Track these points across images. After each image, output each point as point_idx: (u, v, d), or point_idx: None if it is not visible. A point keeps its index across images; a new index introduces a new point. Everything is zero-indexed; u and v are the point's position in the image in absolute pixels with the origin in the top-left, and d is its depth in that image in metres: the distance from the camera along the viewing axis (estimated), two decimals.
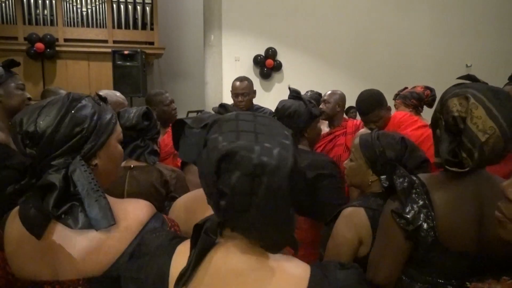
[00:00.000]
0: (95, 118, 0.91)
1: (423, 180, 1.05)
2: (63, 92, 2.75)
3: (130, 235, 0.87)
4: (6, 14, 5.41)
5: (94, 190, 0.86)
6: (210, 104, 5.09)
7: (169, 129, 2.69)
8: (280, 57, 5.26)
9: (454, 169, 0.99)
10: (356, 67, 5.43)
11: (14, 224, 0.90)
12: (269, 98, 4.91)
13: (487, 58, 5.54)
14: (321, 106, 2.75)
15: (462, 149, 0.97)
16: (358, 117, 5.86)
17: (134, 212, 0.90)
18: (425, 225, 0.98)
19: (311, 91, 3.47)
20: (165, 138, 2.53)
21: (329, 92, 2.90)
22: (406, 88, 2.64)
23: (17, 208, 0.90)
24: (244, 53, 5.16)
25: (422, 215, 0.99)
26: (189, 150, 0.78)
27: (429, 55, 5.53)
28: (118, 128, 0.99)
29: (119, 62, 5.07)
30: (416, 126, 2.23)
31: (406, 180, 1.04)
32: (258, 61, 5.21)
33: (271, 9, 5.15)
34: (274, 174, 0.62)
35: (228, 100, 5.08)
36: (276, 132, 0.68)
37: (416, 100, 2.51)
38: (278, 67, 5.27)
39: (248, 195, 0.63)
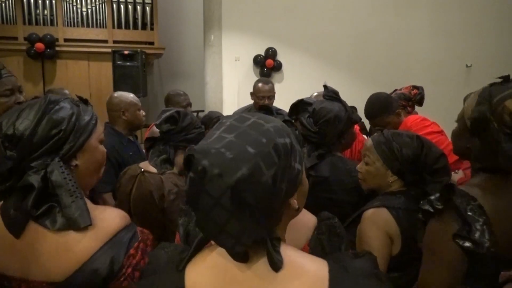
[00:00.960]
0: (73, 119, 0.92)
1: (470, 194, 0.97)
2: (67, 92, 2.75)
3: (98, 243, 0.87)
4: (6, 14, 5.41)
5: (71, 191, 0.87)
6: (210, 104, 5.09)
7: None
8: (280, 57, 5.26)
9: None
10: (356, 67, 5.43)
11: None
12: None
13: (487, 58, 5.54)
14: None
15: None
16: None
17: (105, 220, 0.90)
18: (488, 244, 0.92)
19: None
20: None
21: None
22: (395, 90, 2.63)
23: None
24: (244, 53, 5.16)
25: (486, 234, 0.92)
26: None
27: (429, 55, 5.53)
28: (99, 129, 1.00)
29: (119, 62, 5.07)
30: (427, 132, 2.16)
31: (464, 199, 0.96)
32: (258, 61, 5.20)
33: (271, 9, 5.15)
34: (214, 182, 0.61)
35: (228, 100, 5.10)
36: (251, 139, 0.64)
37: (404, 101, 2.50)
38: (278, 67, 5.27)
39: (195, 197, 0.64)
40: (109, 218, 0.91)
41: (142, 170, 1.66)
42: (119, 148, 2.28)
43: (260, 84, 2.95)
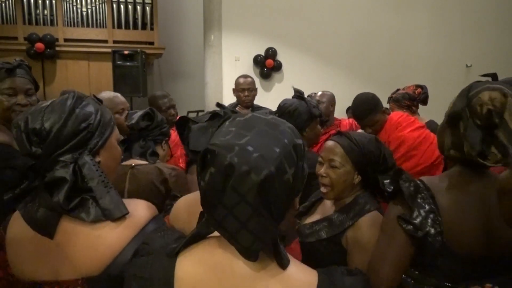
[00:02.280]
0: (98, 115, 0.94)
1: (427, 184, 1.02)
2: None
3: (130, 234, 0.88)
4: (6, 14, 5.41)
5: (105, 182, 0.89)
6: (210, 104, 5.09)
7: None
8: (280, 57, 5.26)
9: (485, 162, 0.95)
10: (356, 67, 5.43)
11: (16, 225, 0.91)
12: (269, 98, 4.91)
13: (487, 58, 5.53)
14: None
15: (494, 144, 0.94)
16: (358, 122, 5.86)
17: (135, 212, 0.91)
18: (432, 230, 0.96)
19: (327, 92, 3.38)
20: None
21: (320, 92, 2.95)
22: (398, 90, 2.64)
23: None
24: (244, 53, 5.16)
25: (429, 220, 0.97)
26: (198, 141, 0.83)
27: (429, 55, 5.53)
28: (116, 128, 1.03)
29: (119, 62, 5.07)
30: (414, 127, 2.23)
31: (412, 184, 1.02)
32: (258, 61, 5.20)
33: (271, 9, 5.15)
34: (242, 178, 0.62)
35: (228, 100, 5.08)
36: (274, 139, 0.66)
37: (408, 100, 2.52)
38: (278, 67, 5.26)
39: (218, 192, 0.64)
40: (139, 209, 0.92)
41: (133, 165, 1.71)
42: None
43: (240, 79, 3.16)
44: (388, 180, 1.12)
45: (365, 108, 2.23)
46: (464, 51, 5.61)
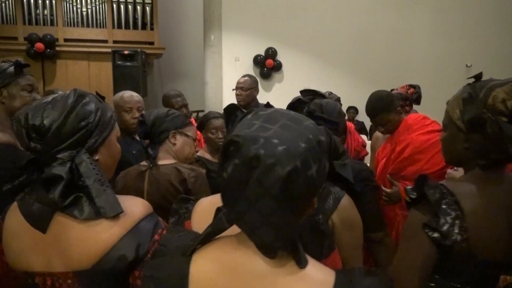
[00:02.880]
0: (98, 113, 0.95)
1: (450, 189, 0.99)
2: (62, 92, 2.75)
3: (122, 231, 0.88)
4: (6, 14, 5.42)
5: (101, 181, 0.89)
6: (210, 104, 5.09)
7: None
8: (280, 57, 5.26)
9: None
10: (356, 67, 5.43)
11: (13, 217, 0.92)
12: (269, 98, 4.90)
13: (487, 58, 5.54)
14: None
15: None
16: (357, 117, 5.86)
17: (129, 208, 0.91)
18: (459, 238, 0.94)
19: (330, 93, 3.36)
20: None
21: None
22: (392, 90, 2.63)
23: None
24: (244, 53, 5.16)
25: (456, 228, 0.94)
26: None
27: (429, 55, 5.53)
28: (117, 126, 1.03)
29: (119, 62, 5.07)
30: (426, 130, 2.13)
31: (437, 190, 0.98)
32: (258, 61, 5.21)
33: (271, 9, 5.15)
34: (268, 171, 0.61)
35: (228, 100, 5.08)
36: (299, 133, 0.65)
37: (401, 100, 2.49)
38: (278, 67, 5.27)
39: (241, 185, 0.63)
40: (133, 206, 0.93)
41: (151, 165, 1.71)
42: (121, 148, 2.25)
43: (239, 78, 3.11)
44: (410, 187, 1.06)
45: (377, 106, 2.15)
46: (464, 51, 5.61)
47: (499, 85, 0.96)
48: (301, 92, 1.82)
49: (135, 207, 0.93)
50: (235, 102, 3.39)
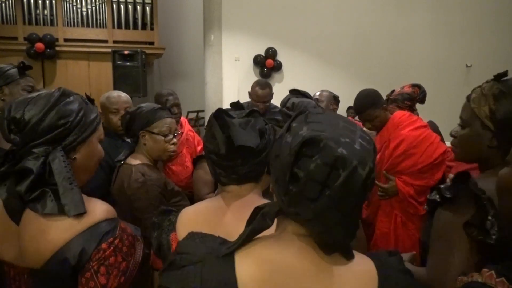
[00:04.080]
0: (80, 114, 0.97)
1: (481, 187, 0.96)
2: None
3: (73, 232, 0.88)
4: (6, 14, 5.42)
5: (70, 179, 0.91)
6: (210, 104, 5.09)
7: None
8: (280, 57, 5.26)
9: None
10: (356, 67, 5.43)
11: None
12: None
13: (487, 58, 5.53)
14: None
15: None
16: (357, 117, 5.87)
17: (89, 209, 0.91)
18: (497, 236, 0.91)
19: (326, 91, 3.35)
20: None
21: (319, 92, 2.94)
22: (393, 91, 2.64)
23: None
24: (244, 53, 5.16)
25: (496, 226, 0.91)
26: (250, 136, 0.87)
27: (429, 55, 5.53)
28: (101, 129, 1.05)
29: (119, 62, 5.07)
30: (415, 126, 2.23)
31: (475, 188, 0.95)
32: (258, 61, 5.20)
33: (271, 9, 5.15)
34: (353, 172, 0.61)
35: (228, 100, 5.08)
36: (358, 134, 0.67)
37: (408, 100, 2.53)
38: (278, 67, 5.26)
39: (321, 185, 0.62)
40: (92, 209, 0.92)
41: (122, 162, 1.73)
42: (111, 151, 2.11)
43: (257, 88, 2.94)
44: (446, 185, 1.02)
45: (364, 102, 2.24)
46: (464, 51, 5.61)
47: None
48: (290, 91, 1.86)
49: (94, 209, 0.92)
50: (235, 101, 3.37)
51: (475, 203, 0.93)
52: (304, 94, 1.89)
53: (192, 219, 1.03)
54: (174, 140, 1.82)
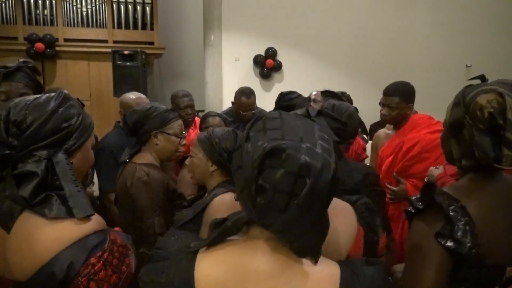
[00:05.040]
0: (80, 118, 0.97)
1: (453, 195, 0.97)
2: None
3: (60, 245, 0.85)
4: (6, 14, 5.41)
5: (76, 182, 0.90)
6: (210, 104, 5.09)
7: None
8: (280, 57, 5.26)
9: (501, 166, 0.92)
10: (356, 67, 5.43)
11: None
12: (269, 98, 4.91)
13: (487, 58, 5.53)
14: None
15: (506, 145, 0.91)
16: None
17: (78, 221, 0.87)
18: (470, 244, 0.92)
19: (344, 93, 3.33)
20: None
21: (315, 92, 2.92)
22: None
23: None
24: (244, 53, 5.16)
25: (468, 234, 0.92)
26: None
27: (429, 55, 5.53)
28: (93, 134, 1.05)
29: (119, 62, 5.07)
30: (432, 130, 2.17)
31: (445, 197, 0.96)
32: (258, 61, 5.20)
33: (271, 9, 5.15)
34: (319, 177, 0.61)
35: (228, 100, 5.09)
36: (317, 136, 0.66)
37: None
38: (278, 67, 5.26)
39: (289, 194, 0.61)
40: (81, 220, 0.88)
41: (126, 160, 1.74)
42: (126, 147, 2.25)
43: (241, 98, 3.00)
44: (416, 197, 1.04)
45: (400, 88, 2.17)
46: (464, 51, 5.61)
47: (485, 91, 0.96)
48: (322, 92, 1.82)
49: (84, 221, 0.89)
50: (234, 107, 3.38)
51: (444, 213, 0.94)
52: (340, 97, 1.86)
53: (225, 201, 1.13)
54: (184, 141, 1.84)
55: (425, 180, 1.91)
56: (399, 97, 2.16)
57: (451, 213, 0.93)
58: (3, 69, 1.73)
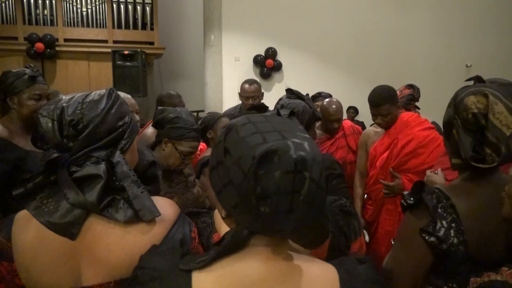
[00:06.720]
0: (130, 116, 0.91)
1: (445, 192, 1.01)
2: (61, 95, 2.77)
3: (161, 235, 0.83)
4: (6, 14, 5.41)
5: (138, 182, 0.84)
6: (210, 104, 5.10)
7: None
8: (280, 57, 5.26)
9: (481, 165, 0.96)
10: (356, 67, 5.43)
11: (28, 230, 0.81)
12: (269, 98, 4.90)
13: (487, 58, 5.54)
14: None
15: (487, 145, 0.96)
16: (357, 117, 5.87)
17: (162, 211, 0.84)
18: (455, 240, 0.96)
19: (322, 92, 3.39)
20: None
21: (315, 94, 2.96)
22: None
23: (23, 212, 0.83)
24: (244, 53, 5.16)
25: (452, 231, 0.96)
26: None
27: (429, 55, 5.53)
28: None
29: (119, 62, 5.07)
30: (423, 127, 2.26)
31: (434, 196, 1.00)
32: (258, 61, 5.21)
33: (271, 9, 5.15)
34: (313, 166, 0.61)
35: (228, 100, 5.09)
36: (294, 128, 0.67)
37: (413, 101, 2.59)
38: (278, 67, 5.27)
39: (291, 194, 0.60)
40: (166, 207, 0.87)
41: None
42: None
43: (246, 85, 3.03)
44: (408, 192, 1.07)
45: (384, 96, 2.25)
46: (464, 51, 5.61)
47: (473, 92, 1.00)
48: (286, 91, 1.86)
49: (167, 208, 0.87)
50: (235, 102, 3.39)
51: (432, 211, 0.98)
52: (297, 94, 1.90)
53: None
54: (188, 161, 1.81)
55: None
56: (388, 103, 2.24)
57: (439, 210, 0.98)
58: (28, 71, 1.78)
